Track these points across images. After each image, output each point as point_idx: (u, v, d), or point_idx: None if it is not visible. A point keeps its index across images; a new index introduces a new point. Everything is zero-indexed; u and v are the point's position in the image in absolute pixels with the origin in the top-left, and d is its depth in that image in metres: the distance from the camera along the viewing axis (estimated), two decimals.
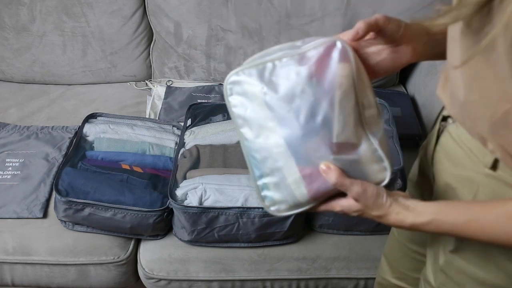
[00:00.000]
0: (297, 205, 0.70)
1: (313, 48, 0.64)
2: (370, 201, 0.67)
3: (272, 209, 0.72)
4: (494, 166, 0.65)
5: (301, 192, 0.68)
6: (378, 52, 0.70)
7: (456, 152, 0.72)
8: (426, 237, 0.87)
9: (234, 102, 0.68)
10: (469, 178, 0.69)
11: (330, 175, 0.66)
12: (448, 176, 0.75)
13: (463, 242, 0.73)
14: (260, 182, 0.70)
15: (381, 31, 0.68)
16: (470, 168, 0.69)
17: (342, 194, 0.69)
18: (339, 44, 0.64)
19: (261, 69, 0.65)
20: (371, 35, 0.69)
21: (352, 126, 0.66)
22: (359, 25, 0.65)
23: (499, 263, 0.69)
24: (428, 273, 0.83)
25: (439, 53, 0.71)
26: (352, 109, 0.66)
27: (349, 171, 0.67)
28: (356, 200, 0.67)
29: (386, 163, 0.69)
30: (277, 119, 0.66)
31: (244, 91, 0.67)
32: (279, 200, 0.70)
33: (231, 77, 0.67)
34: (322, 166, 0.66)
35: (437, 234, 0.68)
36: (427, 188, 0.84)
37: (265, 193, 0.71)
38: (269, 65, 0.65)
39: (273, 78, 0.65)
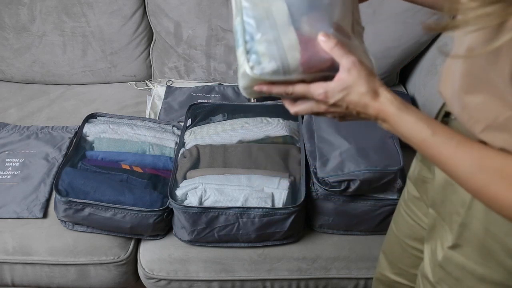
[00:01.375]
0: (284, 69, 0.66)
1: None
2: (363, 73, 0.64)
3: (256, 71, 0.66)
4: None
5: (294, 54, 0.66)
6: None
7: None
8: (424, 233, 0.87)
9: None
10: None
11: (329, 41, 0.65)
12: None
13: (462, 239, 0.73)
14: (250, 44, 0.66)
15: None
16: None
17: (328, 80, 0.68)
18: None
19: None
20: None
21: (349, 22, 0.70)
22: None
23: (500, 259, 0.69)
24: (426, 269, 0.83)
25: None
26: (350, 12, 0.70)
27: None
28: (349, 70, 0.64)
29: (373, 63, 0.70)
30: None
31: None
32: (267, 57, 0.65)
33: None
34: (321, 36, 0.66)
35: (406, 139, 0.65)
36: (426, 185, 0.84)
37: (252, 53, 0.66)
38: None
39: None
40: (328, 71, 0.67)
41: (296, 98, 0.70)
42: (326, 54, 0.66)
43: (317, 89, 0.66)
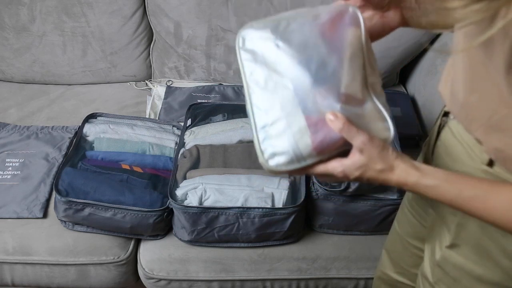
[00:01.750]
0: (298, 158, 0.67)
1: (327, 11, 0.68)
2: (376, 151, 0.65)
3: (271, 164, 0.68)
4: (491, 162, 0.66)
5: (305, 142, 0.66)
6: (369, 18, 0.74)
7: (456, 148, 0.73)
8: (425, 233, 0.87)
9: (245, 56, 0.68)
10: (467, 174, 0.70)
11: (337, 122, 0.64)
12: None
13: (460, 239, 0.74)
14: (261, 134, 0.67)
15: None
16: (469, 164, 0.70)
17: (343, 156, 0.68)
18: (351, 10, 0.69)
19: (276, 25, 0.67)
20: (359, 1, 0.73)
21: (359, 83, 0.68)
22: None
23: (496, 259, 0.70)
24: (426, 269, 0.83)
25: (430, 23, 0.72)
26: (360, 68, 0.68)
27: (355, 124, 0.66)
28: (361, 151, 0.65)
29: (389, 124, 0.69)
30: (288, 67, 0.66)
31: (257, 41, 0.68)
32: (280, 151, 0.67)
33: (245, 29, 0.68)
34: (329, 115, 0.65)
35: (436, 201, 0.66)
36: None
37: (265, 145, 0.67)
38: (284, 22, 0.67)
39: (287, 32, 0.67)
40: (343, 146, 0.67)
41: None
42: (337, 133, 0.66)
43: (336, 167, 0.67)
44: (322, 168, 0.68)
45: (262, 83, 0.67)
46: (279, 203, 1.20)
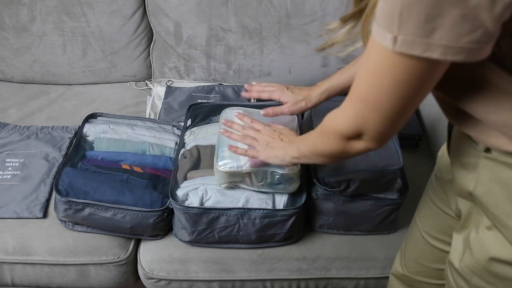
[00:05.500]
0: (237, 165, 1.12)
1: (284, 117, 1.21)
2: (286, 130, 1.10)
3: (219, 164, 1.13)
4: (488, 149, 0.71)
5: (244, 159, 1.11)
6: (294, 109, 1.17)
7: (461, 141, 0.78)
8: (453, 223, 0.89)
9: (223, 118, 1.23)
10: (472, 163, 0.75)
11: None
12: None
13: (498, 221, 0.73)
14: (221, 153, 1.15)
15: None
16: (472, 154, 0.75)
17: None
18: (294, 116, 1.25)
19: (245, 110, 1.25)
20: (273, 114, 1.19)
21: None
22: (270, 113, 1.17)
23: None
24: (453, 257, 0.83)
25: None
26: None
27: None
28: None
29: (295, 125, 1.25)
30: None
31: (231, 114, 1.23)
32: (229, 161, 1.13)
33: (228, 108, 1.27)
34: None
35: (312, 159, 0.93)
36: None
37: (220, 155, 1.14)
38: (250, 110, 1.26)
39: (249, 112, 1.23)
40: (266, 165, 1.11)
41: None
42: None
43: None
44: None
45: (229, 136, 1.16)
46: (279, 205, 1.20)
